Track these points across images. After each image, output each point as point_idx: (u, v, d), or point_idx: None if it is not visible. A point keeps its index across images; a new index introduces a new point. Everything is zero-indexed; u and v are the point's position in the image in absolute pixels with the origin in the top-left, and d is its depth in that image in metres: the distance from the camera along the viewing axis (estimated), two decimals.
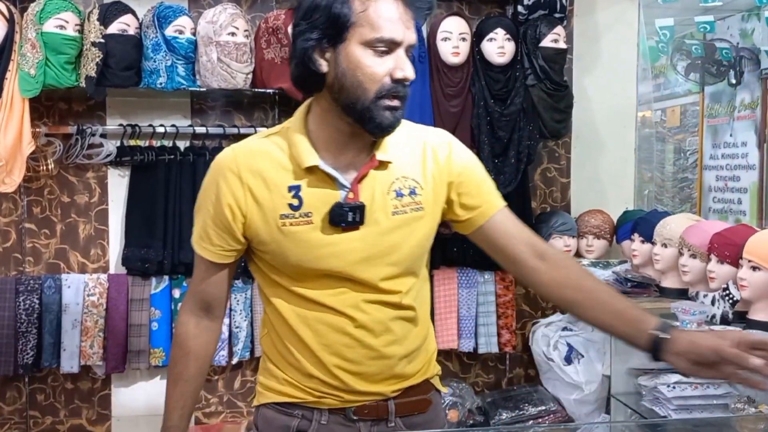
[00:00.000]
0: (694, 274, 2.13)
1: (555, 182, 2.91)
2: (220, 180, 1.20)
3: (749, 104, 3.11)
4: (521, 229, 1.28)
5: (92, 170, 2.64)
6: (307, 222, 1.18)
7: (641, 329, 1.15)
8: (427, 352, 1.33)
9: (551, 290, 1.26)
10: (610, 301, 1.21)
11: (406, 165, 1.23)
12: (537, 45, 2.56)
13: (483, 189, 1.27)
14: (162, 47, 2.42)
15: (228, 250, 1.24)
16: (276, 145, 1.21)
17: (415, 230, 1.23)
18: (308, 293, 1.22)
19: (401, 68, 1.13)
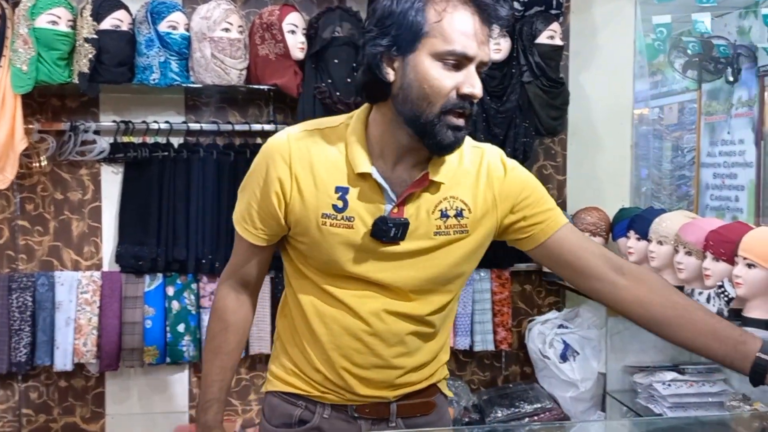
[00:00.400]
0: (690, 271, 2.12)
1: (551, 179, 2.90)
2: (270, 164, 1.19)
3: (747, 102, 3.10)
4: (591, 242, 1.25)
5: (85, 167, 2.63)
6: (348, 226, 1.17)
7: (743, 351, 1.09)
8: (438, 362, 1.32)
9: (635, 308, 1.18)
10: (704, 319, 1.13)
11: (457, 186, 1.20)
12: (533, 41, 2.55)
13: (544, 204, 1.23)
14: (155, 43, 2.40)
15: (270, 235, 1.24)
16: (331, 141, 1.19)
17: (455, 251, 1.21)
18: (333, 290, 1.22)
19: (470, 84, 1.08)
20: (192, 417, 2.72)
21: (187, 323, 2.58)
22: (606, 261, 1.20)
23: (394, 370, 1.24)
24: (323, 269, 1.22)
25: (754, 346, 1.08)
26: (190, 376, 2.72)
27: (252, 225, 1.23)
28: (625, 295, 1.18)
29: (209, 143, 2.63)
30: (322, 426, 1.26)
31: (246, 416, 2.73)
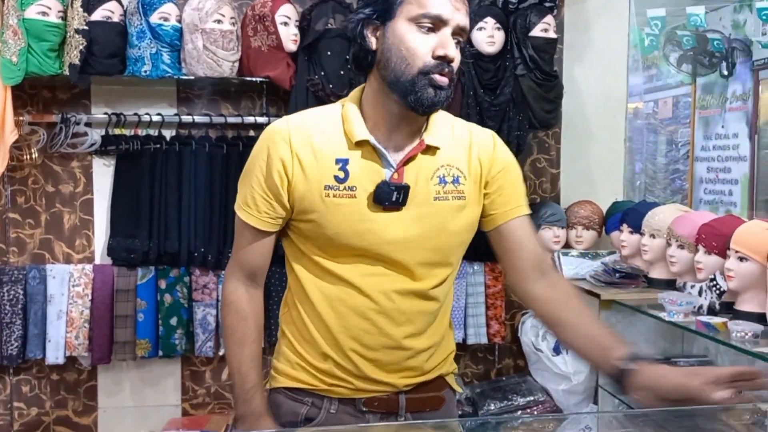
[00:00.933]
0: (682, 264, 2.12)
1: (545, 173, 2.90)
2: (271, 146, 1.22)
3: (741, 96, 3.10)
4: (534, 242, 1.31)
5: (77, 159, 2.61)
6: (351, 196, 1.19)
7: (609, 357, 1.14)
8: (445, 350, 1.33)
9: (539, 305, 1.28)
10: (588, 325, 1.22)
11: (452, 154, 1.25)
12: (527, 34, 2.54)
13: (515, 191, 1.29)
14: (147, 34, 2.39)
15: (274, 218, 1.24)
16: (329, 118, 1.24)
17: (456, 218, 1.25)
18: (338, 270, 1.23)
19: (443, 46, 1.13)
20: (185, 411, 2.71)
21: (179, 316, 2.57)
22: (536, 262, 1.29)
23: (403, 351, 1.24)
24: (328, 248, 1.23)
25: (620, 354, 1.12)
26: (183, 369, 2.72)
27: (256, 209, 1.24)
28: (536, 293, 1.28)
29: (201, 136, 2.61)
30: (329, 422, 1.26)
31: None
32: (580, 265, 2.60)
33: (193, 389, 2.72)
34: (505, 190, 1.27)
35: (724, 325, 1.83)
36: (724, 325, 1.83)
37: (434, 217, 1.23)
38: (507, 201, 1.27)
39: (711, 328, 1.85)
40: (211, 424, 2.58)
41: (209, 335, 2.57)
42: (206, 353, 2.59)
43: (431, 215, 1.22)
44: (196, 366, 2.72)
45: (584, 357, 1.21)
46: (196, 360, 2.71)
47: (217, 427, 2.55)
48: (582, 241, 2.68)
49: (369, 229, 1.20)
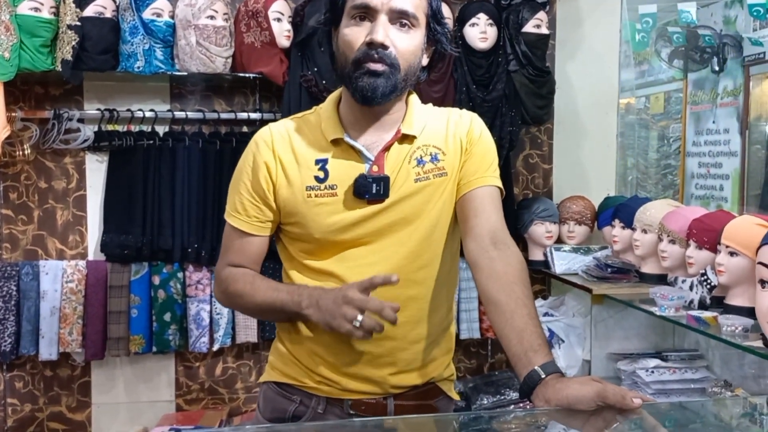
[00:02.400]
0: (673, 259, 2.14)
1: (537, 168, 2.91)
2: (256, 152, 1.26)
3: (732, 91, 3.12)
4: (495, 214, 1.25)
5: (70, 155, 2.60)
6: (332, 194, 1.22)
7: (529, 358, 1.06)
8: (441, 349, 1.31)
9: (483, 277, 1.19)
10: (520, 317, 1.11)
11: (428, 135, 1.27)
12: (519, 30, 2.54)
13: (484, 163, 1.28)
14: (139, 30, 2.38)
15: (263, 221, 1.26)
16: (308, 122, 1.28)
17: (442, 195, 1.25)
18: (327, 266, 1.24)
19: (371, 32, 1.15)
20: (179, 406, 2.72)
21: (173, 312, 2.57)
22: (491, 232, 1.22)
23: (393, 341, 1.23)
24: (316, 248, 1.24)
25: (540, 360, 1.05)
26: (177, 365, 2.72)
27: (245, 214, 1.27)
28: (483, 264, 1.20)
29: (195, 132, 2.61)
30: (316, 421, 1.25)
31: (233, 405, 2.74)
32: (572, 260, 2.61)
33: (187, 385, 2.72)
34: (474, 159, 1.27)
35: (714, 320, 1.85)
36: (714, 319, 1.85)
37: (417, 198, 1.23)
38: (474, 170, 1.27)
39: (702, 322, 1.87)
40: (205, 419, 2.58)
41: (203, 331, 2.57)
42: (200, 349, 2.59)
43: (413, 196, 1.23)
44: (189, 362, 2.72)
45: (505, 347, 1.12)
46: (190, 356, 2.71)
47: (211, 422, 2.56)
48: (574, 236, 2.69)
49: (351, 223, 1.22)
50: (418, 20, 1.19)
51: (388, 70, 1.16)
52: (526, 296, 1.16)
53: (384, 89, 1.17)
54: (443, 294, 1.30)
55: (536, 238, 2.70)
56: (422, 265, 1.25)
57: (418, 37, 1.20)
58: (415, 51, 1.19)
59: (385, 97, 1.18)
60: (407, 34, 1.18)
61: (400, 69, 1.17)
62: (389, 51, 1.15)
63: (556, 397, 1.00)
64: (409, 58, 1.18)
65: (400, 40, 1.16)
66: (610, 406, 0.99)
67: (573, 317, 2.58)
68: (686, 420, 1.19)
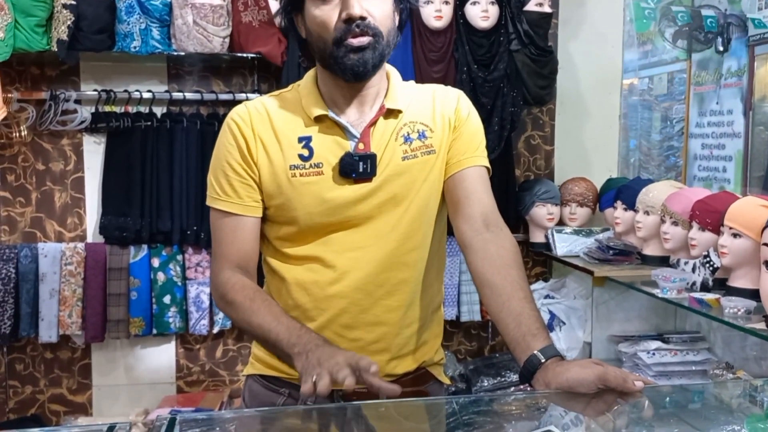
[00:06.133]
0: (676, 241, 2.12)
1: (539, 150, 2.88)
2: (234, 129, 1.20)
3: (736, 72, 3.08)
4: (485, 195, 1.23)
5: (67, 137, 2.58)
6: (318, 173, 1.17)
7: (528, 343, 1.04)
8: (430, 331, 1.29)
9: (476, 259, 1.17)
10: (518, 301, 1.09)
11: (415, 112, 1.23)
12: (521, 9, 2.50)
13: (473, 143, 1.25)
14: (136, 9, 2.35)
15: (256, 200, 1.20)
16: (287, 100, 1.22)
17: (429, 173, 1.22)
18: (312, 251, 1.19)
19: (345, 7, 1.11)
20: (179, 388, 2.72)
21: (173, 294, 2.57)
22: (483, 213, 1.20)
23: (385, 327, 1.21)
24: (299, 232, 1.19)
25: (539, 344, 1.03)
26: (177, 347, 2.72)
27: (236, 195, 1.20)
28: (477, 246, 1.17)
29: (193, 113, 2.59)
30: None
31: (233, 387, 2.74)
32: (574, 242, 2.60)
33: (188, 367, 2.73)
34: (463, 139, 1.24)
35: (717, 302, 1.84)
36: (717, 301, 1.84)
37: (405, 177, 1.19)
38: (464, 150, 1.23)
39: (704, 304, 1.86)
40: (205, 401, 2.59)
41: (203, 313, 2.57)
42: (200, 331, 2.59)
43: (402, 175, 1.19)
44: (190, 344, 2.72)
45: (502, 331, 1.10)
46: (190, 338, 2.71)
47: (211, 404, 2.56)
48: (576, 218, 2.67)
49: (339, 204, 1.17)
50: None
51: (373, 40, 1.12)
52: (522, 279, 1.14)
53: (374, 61, 1.13)
54: (433, 274, 1.28)
55: (538, 220, 2.69)
56: (413, 247, 1.22)
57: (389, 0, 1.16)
58: (389, 14, 1.16)
59: (375, 68, 1.15)
60: None
61: (383, 35, 1.14)
62: (368, 21, 1.11)
63: (557, 380, 0.99)
64: (386, 22, 1.15)
65: (374, 7, 1.12)
66: (611, 389, 0.98)
67: (574, 299, 2.58)
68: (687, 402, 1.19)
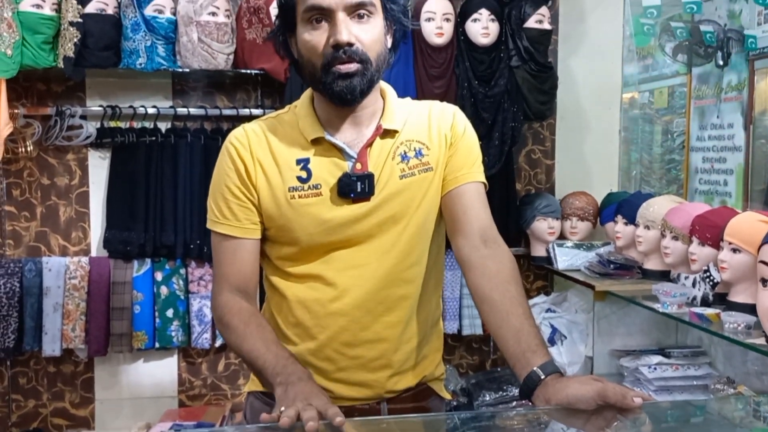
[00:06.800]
0: (676, 255, 2.13)
1: (540, 164, 2.90)
2: (232, 152, 1.21)
3: (736, 86, 3.10)
4: (483, 211, 1.24)
5: (72, 152, 2.61)
6: (316, 194, 1.18)
7: (528, 359, 1.05)
8: (430, 346, 1.29)
9: (475, 276, 1.18)
10: (517, 317, 1.10)
11: (411, 129, 1.24)
12: (521, 26, 2.53)
13: (469, 159, 1.26)
14: (141, 27, 2.38)
15: (255, 222, 1.21)
16: (284, 122, 1.23)
17: (427, 191, 1.23)
18: (313, 269, 1.20)
19: (333, 33, 1.11)
20: (181, 402, 2.73)
21: (175, 308, 2.58)
22: (481, 229, 1.21)
23: (386, 343, 1.21)
24: (300, 252, 1.20)
25: (538, 360, 1.04)
26: (179, 361, 2.73)
27: (235, 218, 1.21)
28: (475, 263, 1.19)
29: (197, 128, 2.61)
30: None
31: (235, 401, 2.74)
32: (575, 256, 2.61)
33: (190, 381, 2.73)
34: (459, 155, 1.24)
35: (717, 317, 1.84)
36: (717, 316, 1.84)
37: (403, 195, 1.20)
38: (460, 166, 1.24)
39: (704, 319, 1.87)
40: (207, 415, 2.59)
41: (205, 327, 2.58)
42: (202, 345, 2.60)
43: (400, 193, 1.20)
44: (192, 358, 2.73)
45: (502, 347, 1.10)
46: (193, 352, 2.72)
47: (213, 418, 2.57)
48: (577, 232, 2.68)
49: (339, 224, 1.18)
50: (374, 6, 1.15)
51: (361, 67, 1.12)
52: (521, 295, 1.15)
53: (362, 87, 1.14)
54: (431, 288, 1.29)
55: (539, 233, 2.70)
56: (412, 264, 1.23)
57: (379, 22, 1.16)
58: (379, 38, 1.16)
59: (363, 94, 1.16)
60: (368, 23, 1.14)
61: (371, 61, 1.14)
62: (356, 47, 1.12)
63: (557, 397, 0.99)
64: (376, 47, 1.15)
65: (363, 33, 1.13)
66: (610, 406, 0.98)
67: (575, 313, 2.58)
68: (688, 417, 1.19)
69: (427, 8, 2.48)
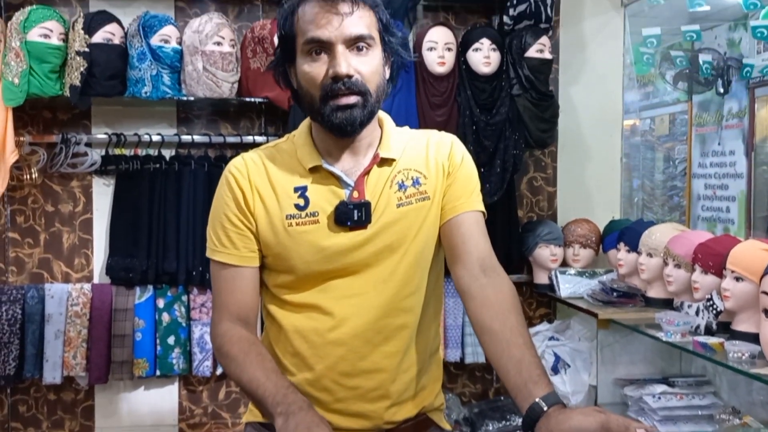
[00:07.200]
0: (679, 284, 2.12)
1: (541, 191, 2.91)
2: (231, 181, 1.23)
3: (737, 113, 3.12)
4: (482, 239, 1.24)
5: (77, 179, 2.63)
6: (314, 222, 1.19)
7: (530, 390, 1.04)
8: (429, 375, 1.29)
9: (475, 306, 1.17)
10: (518, 347, 1.09)
11: (408, 158, 1.25)
12: (522, 55, 2.56)
13: (467, 188, 1.27)
14: (147, 56, 2.41)
15: (253, 250, 1.22)
16: (282, 150, 1.25)
17: (424, 220, 1.23)
18: (310, 298, 1.20)
19: (332, 66, 1.13)
20: (182, 429, 2.70)
21: (177, 336, 2.57)
22: (481, 258, 1.21)
23: (384, 374, 1.21)
24: (297, 280, 1.21)
25: (541, 391, 1.03)
26: (180, 389, 2.71)
27: (233, 247, 1.22)
28: (475, 292, 1.18)
29: (200, 155, 2.63)
30: None
31: (236, 429, 2.72)
32: (577, 283, 2.60)
33: (191, 409, 2.71)
34: (457, 184, 1.25)
35: (721, 346, 1.83)
36: (721, 345, 1.83)
37: (400, 224, 1.21)
38: (458, 195, 1.25)
39: (708, 348, 1.85)
40: None
41: (207, 354, 2.57)
42: (203, 373, 2.58)
43: (397, 222, 1.20)
44: (193, 386, 2.72)
45: (503, 378, 1.09)
46: (193, 379, 2.70)
47: None
48: (579, 259, 2.68)
49: (336, 252, 1.18)
50: (374, 39, 1.16)
51: (360, 99, 1.14)
52: (521, 324, 1.14)
53: (361, 119, 1.15)
54: (430, 316, 1.28)
55: (541, 261, 2.70)
56: (410, 293, 1.22)
57: (378, 54, 1.17)
58: (378, 70, 1.17)
59: (363, 125, 1.17)
60: (367, 56, 1.15)
61: (371, 93, 1.15)
62: (355, 79, 1.13)
63: (560, 428, 0.99)
64: (375, 79, 1.16)
65: (362, 65, 1.14)
66: None
67: (579, 341, 2.57)
68: None
69: (429, 38, 2.51)
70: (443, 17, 2.78)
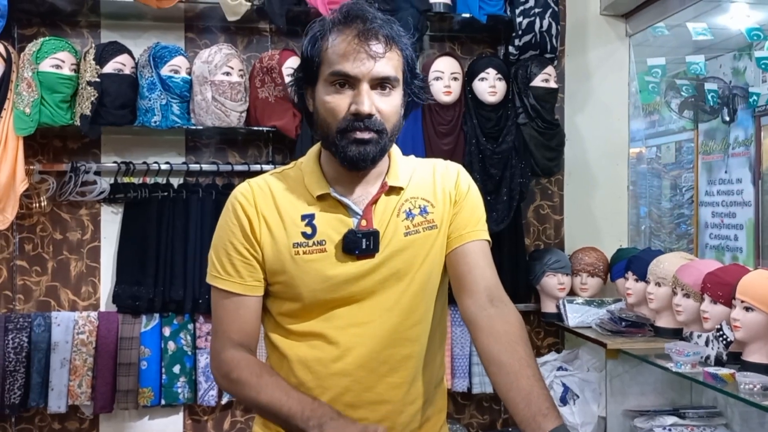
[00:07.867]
0: (688, 313, 2.10)
1: (548, 219, 2.91)
2: (237, 208, 1.22)
3: (743, 141, 3.13)
4: (488, 269, 1.24)
5: (85, 207, 2.64)
6: (321, 250, 1.18)
7: (538, 423, 1.03)
8: (434, 407, 1.28)
9: (483, 336, 1.16)
10: (527, 379, 1.08)
11: (416, 187, 1.25)
12: (528, 84, 2.58)
13: (473, 217, 1.27)
14: (157, 86, 2.44)
15: (258, 279, 1.21)
16: (289, 177, 1.25)
17: (431, 249, 1.23)
18: (315, 327, 1.19)
19: (356, 102, 1.14)
20: None
21: (182, 364, 2.56)
22: (487, 288, 1.21)
23: (389, 405, 1.20)
24: (302, 309, 1.20)
25: (550, 424, 1.03)
26: (185, 418, 2.69)
27: (238, 275, 1.21)
28: (482, 323, 1.17)
29: (208, 183, 2.65)
30: None
31: None
32: (585, 312, 2.58)
33: None
34: (463, 214, 1.26)
35: (731, 377, 1.81)
36: (731, 376, 1.81)
37: (407, 252, 1.21)
38: (465, 224, 1.25)
39: (719, 379, 1.83)
40: None
41: (212, 383, 2.55)
42: (208, 402, 2.56)
43: (404, 251, 1.21)
44: (198, 415, 2.69)
45: (512, 411, 1.08)
46: (198, 409, 2.68)
47: None
48: (587, 288, 2.66)
49: (342, 281, 1.18)
50: (398, 80, 1.18)
51: (376, 136, 1.15)
52: (529, 356, 1.13)
53: (374, 154, 1.17)
54: (435, 346, 1.28)
55: (548, 289, 2.68)
56: (416, 322, 1.22)
57: (399, 95, 1.19)
58: (397, 110, 1.19)
59: (375, 161, 1.18)
60: (389, 96, 1.16)
61: (387, 131, 1.17)
62: (374, 118, 1.14)
63: None
64: (393, 118, 1.18)
65: (383, 104, 1.15)
66: None
67: (588, 372, 2.54)
68: None
69: (435, 67, 2.54)
70: (449, 47, 2.81)
